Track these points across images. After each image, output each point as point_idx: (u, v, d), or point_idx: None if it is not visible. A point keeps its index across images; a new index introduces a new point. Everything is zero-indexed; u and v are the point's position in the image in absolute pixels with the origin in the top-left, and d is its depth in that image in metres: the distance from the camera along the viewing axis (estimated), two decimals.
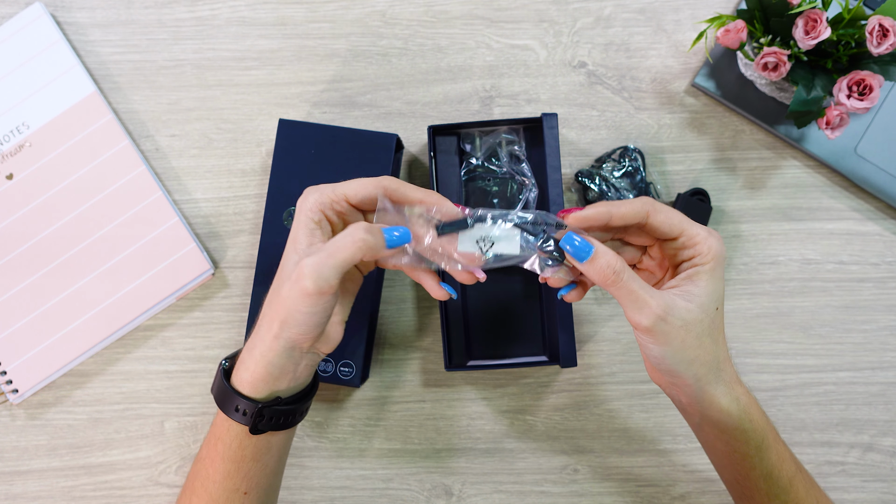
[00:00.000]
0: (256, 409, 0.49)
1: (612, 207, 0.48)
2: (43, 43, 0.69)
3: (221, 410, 0.50)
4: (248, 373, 0.49)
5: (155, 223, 0.67)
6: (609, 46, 0.69)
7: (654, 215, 0.48)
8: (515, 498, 0.66)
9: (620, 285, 0.46)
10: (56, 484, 0.67)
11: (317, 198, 0.50)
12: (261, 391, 0.49)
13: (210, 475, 0.51)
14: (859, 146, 0.66)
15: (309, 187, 0.51)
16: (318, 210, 0.49)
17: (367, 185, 0.50)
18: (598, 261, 0.46)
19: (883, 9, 0.57)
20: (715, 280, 0.47)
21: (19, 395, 0.66)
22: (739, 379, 0.50)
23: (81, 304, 0.66)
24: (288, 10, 0.70)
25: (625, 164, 0.66)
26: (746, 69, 0.65)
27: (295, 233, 0.49)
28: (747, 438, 0.49)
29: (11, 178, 0.67)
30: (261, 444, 0.50)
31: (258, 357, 0.48)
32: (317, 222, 0.49)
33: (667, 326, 0.46)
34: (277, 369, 0.49)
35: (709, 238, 0.47)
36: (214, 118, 0.69)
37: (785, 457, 0.50)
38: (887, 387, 0.66)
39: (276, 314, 0.48)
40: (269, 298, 0.49)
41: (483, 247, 0.50)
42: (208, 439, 0.52)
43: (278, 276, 0.49)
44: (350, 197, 0.50)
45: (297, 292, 0.46)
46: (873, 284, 0.67)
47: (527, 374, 0.67)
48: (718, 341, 0.48)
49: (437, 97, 0.69)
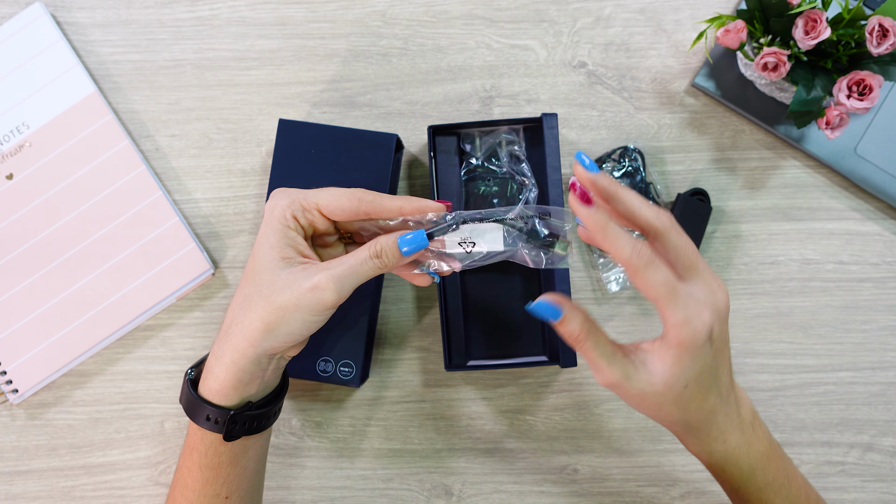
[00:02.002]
0: (228, 417, 0.48)
1: (604, 235, 0.44)
2: (43, 43, 0.69)
3: (192, 420, 0.49)
4: (217, 382, 0.48)
5: (155, 223, 0.67)
6: (609, 46, 0.69)
7: (633, 278, 0.44)
8: (515, 498, 0.66)
9: (582, 350, 0.45)
10: (56, 484, 0.67)
11: (287, 203, 0.49)
12: (231, 398, 0.49)
13: (189, 484, 0.51)
14: (859, 146, 0.66)
15: (277, 189, 0.51)
16: (291, 216, 0.49)
17: (340, 198, 0.49)
18: (563, 326, 0.45)
19: (883, 9, 0.58)
20: (682, 364, 0.44)
21: (19, 395, 0.66)
22: (731, 430, 0.48)
23: (81, 304, 0.66)
24: (288, 10, 0.70)
25: (625, 164, 0.66)
26: (746, 69, 0.65)
27: (266, 237, 0.49)
28: (722, 481, 0.50)
29: (11, 178, 0.67)
30: (237, 448, 0.50)
31: (228, 364, 0.48)
32: (290, 227, 0.49)
33: (621, 391, 0.45)
34: (248, 375, 0.48)
35: (679, 327, 0.43)
36: (214, 118, 0.69)
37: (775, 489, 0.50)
38: (887, 387, 0.66)
39: (261, 322, 0.47)
40: (242, 304, 0.48)
41: (467, 246, 0.50)
42: (184, 449, 0.52)
43: (252, 280, 0.48)
44: (322, 207, 0.49)
45: (313, 302, 0.46)
46: (873, 284, 0.67)
47: (527, 374, 0.67)
48: (689, 409, 0.46)
49: (437, 97, 0.69)
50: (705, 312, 0.43)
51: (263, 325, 0.47)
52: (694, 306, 0.43)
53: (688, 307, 0.43)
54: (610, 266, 0.67)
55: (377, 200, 0.49)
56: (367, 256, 0.48)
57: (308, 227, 0.50)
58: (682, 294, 0.43)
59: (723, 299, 0.45)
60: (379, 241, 0.49)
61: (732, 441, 0.48)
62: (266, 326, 0.47)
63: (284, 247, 0.48)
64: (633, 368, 0.45)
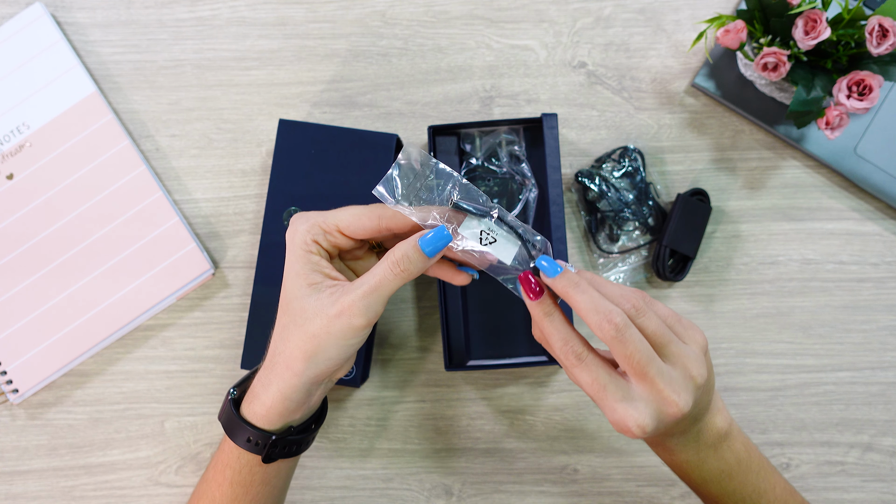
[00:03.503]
0: (270, 441, 0.48)
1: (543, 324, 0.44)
2: (43, 43, 0.69)
3: (231, 439, 0.49)
4: (263, 407, 0.48)
5: (155, 223, 0.67)
6: (609, 46, 0.69)
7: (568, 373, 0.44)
8: (515, 498, 0.66)
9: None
10: (56, 484, 0.67)
11: (307, 228, 0.48)
12: (275, 423, 0.49)
13: (217, 498, 0.51)
14: (859, 146, 0.66)
15: (296, 215, 0.49)
16: (312, 241, 0.48)
17: (360, 217, 0.48)
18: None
19: (883, 9, 0.58)
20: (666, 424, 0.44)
21: (19, 395, 0.66)
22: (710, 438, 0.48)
23: (82, 304, 0.66)
24: (288, 10, 0.70)
25: (625, 164, 0.66)
26: (746, 69, 0.65)
27: (291, 265, 0.48)
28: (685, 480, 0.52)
29: (11, 178, 0.67)
30: (270, 470, 0.50)
31: (275, 392, 0.48)
32: (312, 252, 0.48)
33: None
34: (294, 403, 0.48)
35: (617, 424, 0.43)
36: (214, 118, 0.69)
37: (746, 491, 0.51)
38: (887, 387, 0.66)
39: (300, 351, 0.47)
40: (282, 335, 0.48)
41: (483, 239, 0.47)
42: (215, 463, 0.52)
43: (286, 310, 0.48)
44: (343, 228, 0.48)
45: (343, 328, 0.45)
46: (873, 284, 0.67)
47: (527, 374, 0.67)
48: (663, 443, 0.48)
49: (437, 97, 0.69)
50: (667, 404, 0.42)
51: (302, 355, 0.47)
52: (639, 407, 0.42)
53: (626, 408, 0.42)
54: (609, 266, 0.67)
55: (397, 215, 0.48)
56: (389, 268, 0.46)
57: (332, 249, 0.49)
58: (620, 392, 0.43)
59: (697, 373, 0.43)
60: (398, 248, 0.46)
61: (684, 457, 0.49)
62: (305, 355, 0.47)
63: (310, 273, 0.47)
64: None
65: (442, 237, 0.46)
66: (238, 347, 0.67)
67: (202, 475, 0.53)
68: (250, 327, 0.63)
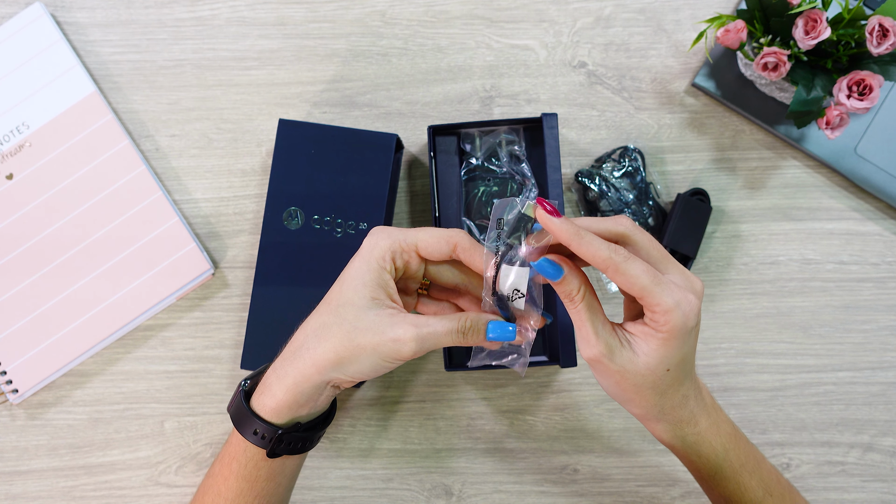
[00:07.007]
0: (276, 435, 0.49)
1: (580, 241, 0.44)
2: (43, 43, 0.69)
3: (238, 431, 0.50)
4: (273, 400, 0.49)
5: (155, 223, 0.67)
6: (609, 46, 0.69)
7: (615, 276, 0.44)
8: (515, 498, 0.66)
9: (574, 311, 0.46)
10: (56, 484, 0.67)
11: (389, 244, 0.49)
12: (283, 417, 0.49)
13: (222, 492, 0.51)
14: (859, 146, 0.66)
15: (377, 228, 0.50)
16: (390, 259, 0.49)
17: (439, 240, 0.49)
18: (562, 285, 0.46)
19: (883, 9, 0.58)
20: (668, 348, 0.45)
21: (19, 395, 0.66)
22: (700, 413, 0.49)
23: (81, 304, 0.66)
24: (288, 10, 0.70)
25: (625, 164, 0.66)
26: (746, 69, 0.65)
27: (361, 273, 0.48)
28: (697, 468, 0.51)
29: (11, 178, 0.67)
30: (276, 465, 0.51)
31: (290, 385, 0.48)
32: (387, 269, 0.49)
33: (602, 367, 0.46)
34: (304, 398, 0.49)
35: (670, 312, 0.43)
36: (214, 118, 0.69)
37: (748, 486, 0.50)
38: (887, 387, 0.66)
39: (335, 354, 0.47)
40: (318, 331, 0.48)
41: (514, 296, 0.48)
42: (222, 456, 0.52)
43: (334, 311, 0.48)
44: (421, 249, 0.49)
45: (391, 352, 0.47)
46: (873, 284, 0.67)
47: (527, 373, 0.67)
48: (666, 394, 0.47)
49: (437, 97, 0.69)
50: (691, 296, 0.45)
51: (336, 357, 0.47)
52: (679, 292, 0.44)
53: (674, 293, 0.44)
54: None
55: (472, 248, 0.49)
56: (454, 329, 0.48)
57: (402, 269, 0.50)
58: (666, 281, 0.44)
59: (699, 285, 0.46)
60: (469, 318, 0.48)
61: (703, 424, 0.49)
62: (338, 359, 0.47)
63: (377, 287, 0.48)
64: (618, 345, 0.46)
65: (507, 334, 0.48)
66: (238, 347, 0.67)
67: (208, 470, 0.54)
68: (250, 327, 0.63)
